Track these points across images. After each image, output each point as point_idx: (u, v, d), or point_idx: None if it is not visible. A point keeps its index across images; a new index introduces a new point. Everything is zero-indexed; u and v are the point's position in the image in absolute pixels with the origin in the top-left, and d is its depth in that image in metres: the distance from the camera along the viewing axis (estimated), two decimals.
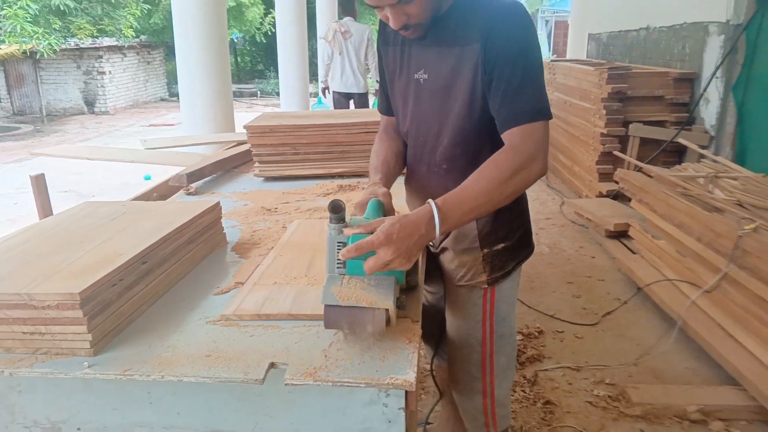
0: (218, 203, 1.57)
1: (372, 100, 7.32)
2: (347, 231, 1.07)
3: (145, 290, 1.20)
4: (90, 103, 13.84)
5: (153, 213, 1.47)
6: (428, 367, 2.54)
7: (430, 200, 1.13)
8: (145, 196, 2.18)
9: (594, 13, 7.38)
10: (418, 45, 1.36)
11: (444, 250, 1.50)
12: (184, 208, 1.50)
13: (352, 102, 6.87)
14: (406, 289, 1.20)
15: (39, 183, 1.77)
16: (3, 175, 7.56)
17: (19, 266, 1.12)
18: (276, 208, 1.94)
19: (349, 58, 6.48)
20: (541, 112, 1.21)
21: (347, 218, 1.12)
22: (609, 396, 2.44)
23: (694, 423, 2.27)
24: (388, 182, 1.40)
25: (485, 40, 1.21)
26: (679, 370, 2.66)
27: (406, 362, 0.99)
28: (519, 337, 2.90)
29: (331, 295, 1.03)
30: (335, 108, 6.87)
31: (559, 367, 2.67)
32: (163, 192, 2.24)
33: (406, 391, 0.96)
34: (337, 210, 1.09)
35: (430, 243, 1.53)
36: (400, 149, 1.52)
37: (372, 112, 2.52)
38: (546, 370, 2.64)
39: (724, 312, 2.73)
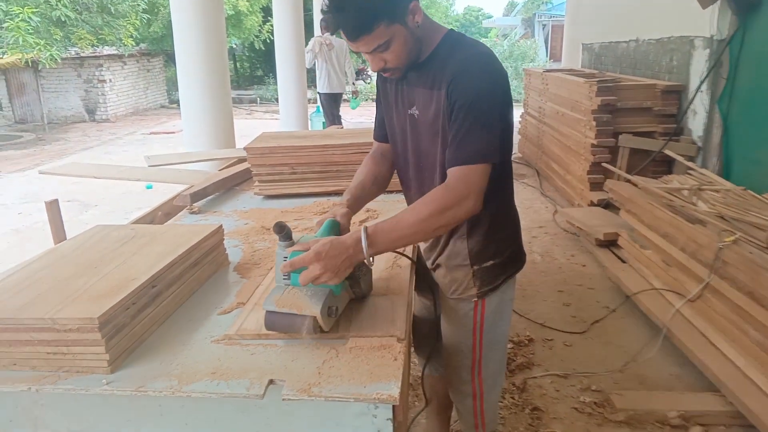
0: (221, 226, 1.68)
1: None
2: (289, 249, 1.25)
3: (155, 311, 1.32)
4: (91, 111, 13.97)
5: (161, 237, 1.58)
6: (420, 375, 2.67)
7: (362, 226, 1.28)
8: (152, 215, 2.29)
9: (586, 24, 7.53)
10: (408, 84, 1.49)
11: (438, 266, 1.63)
12: (189, 232, 1.61)
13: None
14: (354, 299, 1.36)
15: (53, 208, 1.88)
16: (6, 185, 7.67)
17: (42, 292, 1.23)
18: None
19: (332, 65, 7.70)
20: (483, 157, 1.32)
21: (298, 236, 1.31)
22: (594, 402, 2.55)
23: (675, 428, 2.38)
24: (355, 204, 1.54)
25: (448, 87, 1.35)
26: (663, 377, 2.77)
27: (392, 378, 1.10)
28: (509, 345, 3.01)
29: (271, 302, 1.22)
30: (324, 108, 8.16)
31: (548, 374, 2.78)
32: (168, 210, 2.35)
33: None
34: (280, 230, 1.27)
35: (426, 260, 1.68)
36: (381, 174, 1.66)
37: (365, 133, 2.64)
38: (535, 377, 2.76)
39: (706, 320, 2.84)
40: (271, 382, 1.11)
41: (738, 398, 2.37)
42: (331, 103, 8.05)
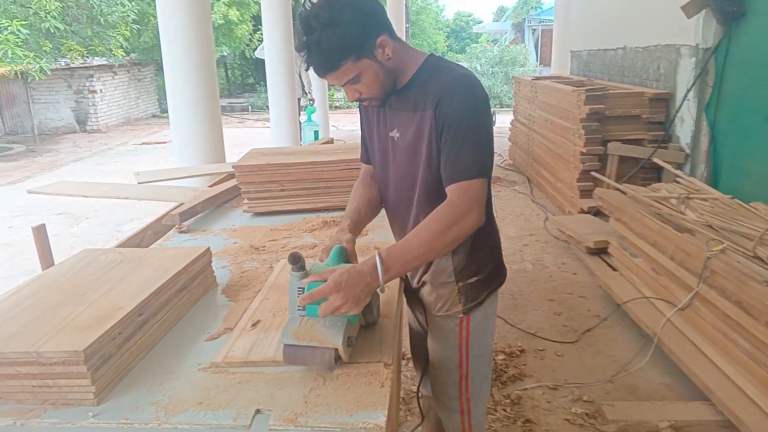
0: (208, 248, 1.68)
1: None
2: (304, 280, 1.23)
3: (142, 339, 1.31)
4: (82, 122, 13.92)
5: (148, 261, 1.58)
6: (414, 388, 2.67)
7: (376, 252, 1.29)
8: (140, 234, 2.29)
9: (575, 31, 7.58)
10: (390, 108, 1.52)
11: (423, 284, 1.65)
12: (176, 255, 1.61)
13: None
14: (365, 325, 1.36)
15: (40, 233, 1.88)
16: None
17: (27, 323, 1.23)
18: (264, 246, 2.06)
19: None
20: (478, 172, 1.37)
21: (309, 264, 1.28)
22: (586, 413, 2.56)
23: None
24: (355, 228, 1.56)
25: (436, 107, 1.38)
26: (654, 386, 2.78)
27: (379, 406, 1.10)
28: (501, 356, 3.02)
29: (290, 335, 1.19)
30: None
31: (539, 385, 2.79)
32: (157, 229, 2.35)
33: None
34: (296, 261, 1.25)
35: (409, 276, 1.70)
36: (373, 196, 1.68)
37: (354, 149, 2.64)
38: (526, 389, 2.76)
39: (696, 329, 2.86)
40: (257, 411, 1.11)
41: (728, 407, 2.38)
42: None
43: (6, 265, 5.11)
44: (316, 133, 8.88)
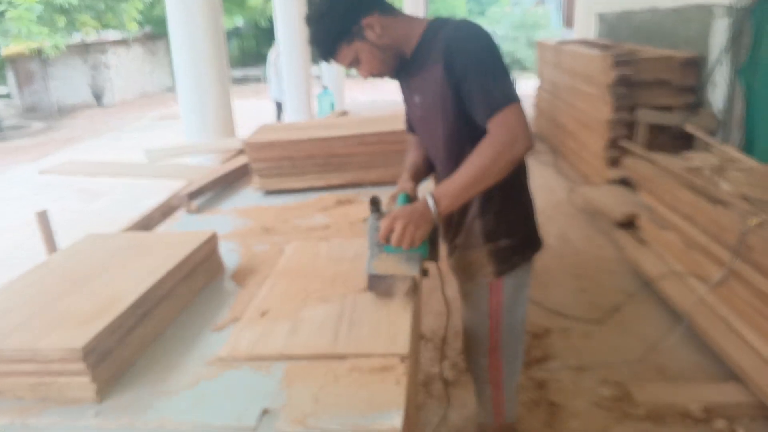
0: (214, 234, 1.60)
1: None
2: (382, 220, 1.35)
3: (145, 331, 1.25)
4: (99, 97, 13.96)
5: (153, 247, 1.51)
6: (434, 370, 2.60)
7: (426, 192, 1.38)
8: (149, 216, 2.22)
9: None
10: (409, 75, 1.55)
11: (456, 249, 1.67)
12: (181, 241, 1.53)
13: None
14: (429, 260, 1.46)
15: (43, 219, 1.82)
16: (17, 176, 7.69)
17: (25, 316, 1.17)
18: (274, 227, 1.98)
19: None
20: (508, 98, 1.36)
21: (384, 209, 1.43)
22: (614, 396, 2.46)
23: (698, 421, 2.29)
24: (416, 178, 1.64)
25: (445, 58, 1.40)
26: (685, 366, 2.67)
27: (394, 406, 1.02)
28: (524, 337, 2.92)
29: (373, 268, 1.35)
30: (278, 113, 8.73)
31: (565, 367, 2.69)
32: (165, 210, 2.28)
33: None
34: (375, 204, 1.40)
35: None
36: (426, 156, 1.71)
37: (368, 124, 2.53)
38: (551, 370, 2.67)
39: (729, 307, 2.73)
40: (264, 411, 1.04)
41: (762, 389, 2.27)
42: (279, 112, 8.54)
43: (27, 244, 5.14)
44: (332, 105, 8.75)
